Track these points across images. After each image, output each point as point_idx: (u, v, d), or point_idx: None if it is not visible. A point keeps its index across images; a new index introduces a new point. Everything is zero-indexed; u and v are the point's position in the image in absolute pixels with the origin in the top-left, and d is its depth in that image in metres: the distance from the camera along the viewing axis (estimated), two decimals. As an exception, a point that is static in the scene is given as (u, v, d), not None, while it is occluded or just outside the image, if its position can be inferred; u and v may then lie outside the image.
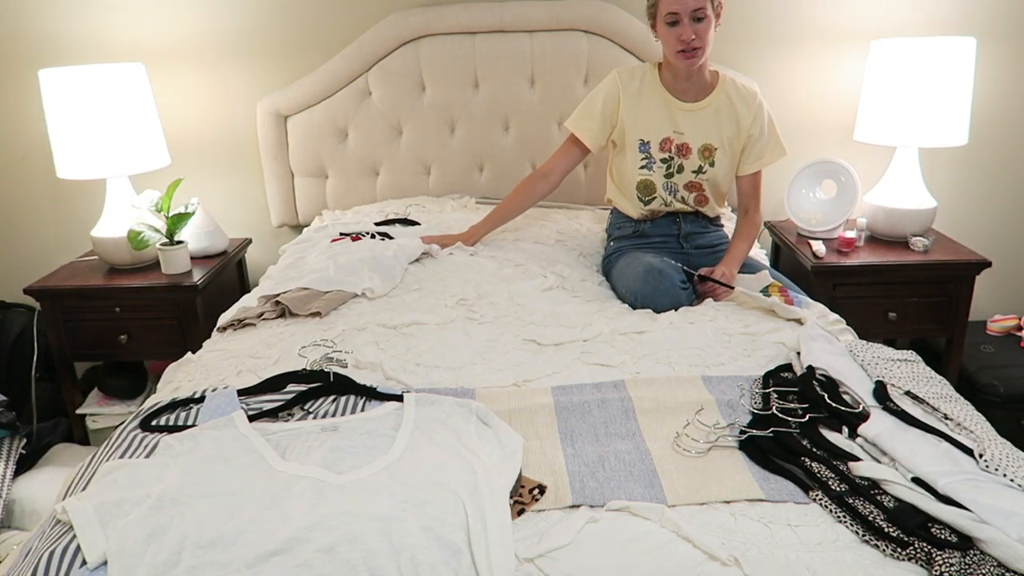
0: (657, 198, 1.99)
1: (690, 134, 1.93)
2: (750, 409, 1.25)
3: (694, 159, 1.94)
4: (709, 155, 1.94)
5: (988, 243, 2.57)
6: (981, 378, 2.29)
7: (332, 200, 2.55)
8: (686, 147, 1.94)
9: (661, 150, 1.94)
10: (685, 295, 1.79)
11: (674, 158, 1.95)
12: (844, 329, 1.63)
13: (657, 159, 1.95)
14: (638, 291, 1.76)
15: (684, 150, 1.94)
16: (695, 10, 1.75)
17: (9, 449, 2.08)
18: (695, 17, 1.76)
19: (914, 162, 2.30)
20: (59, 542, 0.97)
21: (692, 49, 1.79)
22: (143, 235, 2.15)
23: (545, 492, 1.05)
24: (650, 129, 1.94)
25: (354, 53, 2.38)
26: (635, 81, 1.95)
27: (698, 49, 1.79)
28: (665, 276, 1.77)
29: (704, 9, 1.75)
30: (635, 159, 1.96)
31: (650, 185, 1.98)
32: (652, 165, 1.96)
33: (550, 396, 1.32)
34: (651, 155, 1.95)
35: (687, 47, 1.79)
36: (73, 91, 2.08)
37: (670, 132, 1.93)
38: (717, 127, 1.93)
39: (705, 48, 1.80)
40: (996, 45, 2.41)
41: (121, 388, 2.42)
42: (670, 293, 1.74)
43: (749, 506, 1.02)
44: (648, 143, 1.94)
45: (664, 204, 2.00)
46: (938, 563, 0.89)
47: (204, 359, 1.54)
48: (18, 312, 2.50)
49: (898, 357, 1.41)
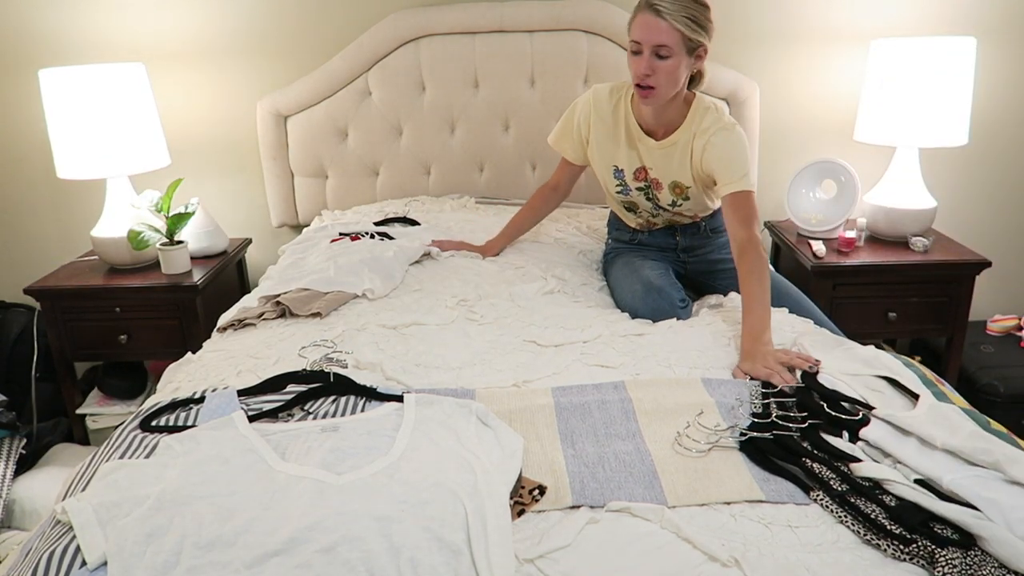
0: (645, 213, 1.95)
1: (658, 171, 1.81)
2: (750, 415, 1.25)
3: (666, 194, 1.84)
4: (681, 192, 1.83)
5: (988, 243, 2.57)
6: (981, 378, 2.29)
7: (332, 200, 2.55)
8: (657, 182, 1.83)
9: (636, 179, 1.86)
10: (684, 313, 1.75)
11: (650, 188, 1.86)
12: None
13: (632, 187, 1.87)
14: (637, 309, 1.72)
15: (656, 184, 1.84)
16: (658, 45, 1.58)
17: (9, 449, 2.08)
18: (658, 53, 1.59)
19: (914, 162, 2.30)
20: (59, 542, 0.97)
21: (647, 87, 1.63)
22: (143, 235, 2.15)
23: (545, 493, 1.05)
24: (620, 159, 1.85)
25: (354, 53, 2.38)
26: (609, 104, 1.82)
27: (651, 89, 1.63)
28: (664, 296, 1.73)
29: (669, 48, 1.58)
30: (611, 183, 1.90)
31: (633, 205, 1.94)
32: (629, 192, 1.89)
33: (550, 397, 1.32)
34: (626, 183, 1.87)
35: (641, 82, 1.64)
36: (73, 91, 2.07)
37: (640, 164, 1.83)
38: (683, 164, 1.78)
39: (660, 89, 1.63)
40: (996, 45, 2.41)
41: (121, 388, 2.42)
42: (668, 313, 1.71)
43: (749, 507, 1.03)
44: (622, 171, 1.86)
45: (653, 217, 1.95)
46: (940, 561, 0.89)
47: (204, 359, 1.54)
48: (18, 312, 2.50)
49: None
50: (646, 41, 1.59)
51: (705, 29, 1.62)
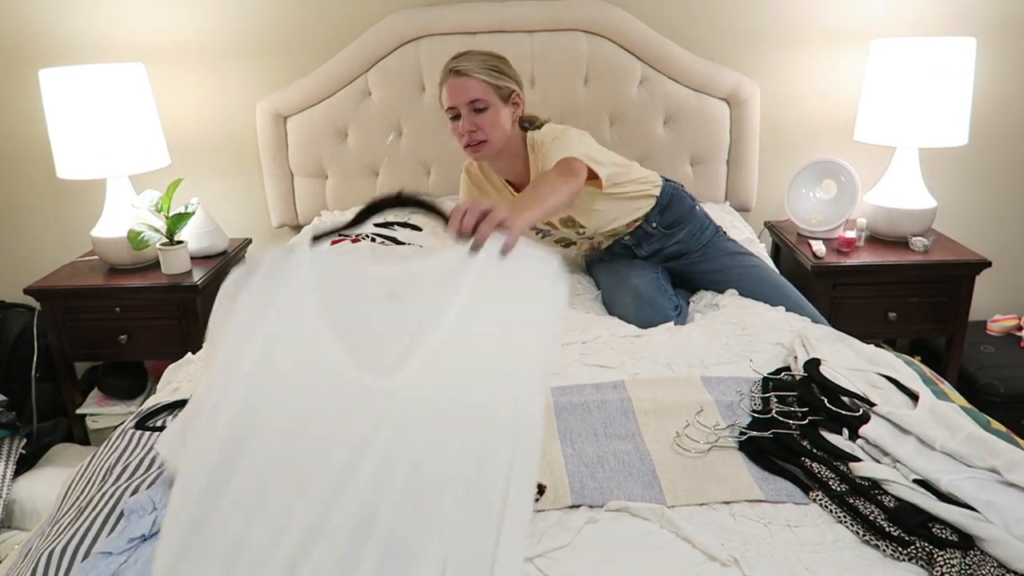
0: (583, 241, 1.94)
1: None
2: (750, 412, 1.25)
3: (564, 230, 1.88)
4: (572, 223, 1.84)
5: (988, 243, 2.57)
6: (981, 378, 2.29)
7: (332, 200, 2.55)
8: (550, 223, 1.87)
9: (535, 232, 1.90)
10: (679, 320, 1.76)
11: (550, 231, 1.91)
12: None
13: (536, 237, 1.92)
14: (631, 320, 1.72)
15: (551, 224, 1.87)
16: (471, 101, 1.65)
17: (9, 449, 2.08)
18: (474, 108, 1.66)
19: (914, 162, 2.30)
20: (58, 541, 0.97)
21: (476, 142, 1.69)
22: (143, 235, 2.15)
23: (544, 492, 1.05)
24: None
25: (354, 53, 2.38)
26: (480, 175, 1.90)
27: (482, 143, 1.68)
28: (656, 307, 1.74)
29: (482, 100, 1.65)
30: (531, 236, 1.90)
31: (566, 239, 1.94)
32: (549, 233, 1.93)
33: (550, 396, 1.32)
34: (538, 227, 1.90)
35: (470, 140, 1.69)
36: (73, 91, 2.07)
37: None
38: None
39: (492, 138, 1.68)
40: (996, 45, 2.41)
41: (121, 388, 2.42)
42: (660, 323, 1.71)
43: (748, 506, 1.03)
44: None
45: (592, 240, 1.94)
46: (939, 563, 0.89)
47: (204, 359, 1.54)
48: (18, 312, 2.50)
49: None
50: (460, 102, 1.66)
51: (510, 76, 1.70)
